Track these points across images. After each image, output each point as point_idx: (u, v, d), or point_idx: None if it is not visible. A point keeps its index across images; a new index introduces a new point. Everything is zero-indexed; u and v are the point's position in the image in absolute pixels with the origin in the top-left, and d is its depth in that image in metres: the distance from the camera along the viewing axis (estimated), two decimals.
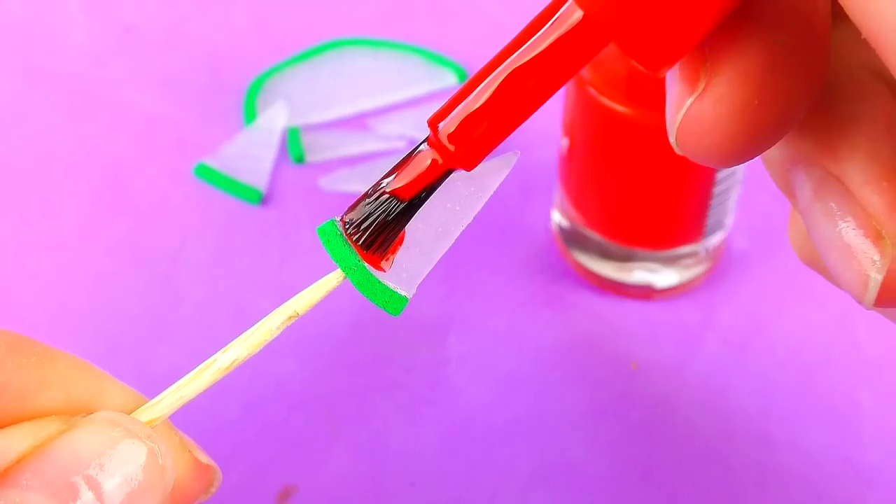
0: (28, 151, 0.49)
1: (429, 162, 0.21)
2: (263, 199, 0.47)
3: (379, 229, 0.22)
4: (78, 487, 0.20)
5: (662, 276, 0.43)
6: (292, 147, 0.49)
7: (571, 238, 0.44)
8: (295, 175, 0.48)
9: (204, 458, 0.24)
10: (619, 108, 0.37)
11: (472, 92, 0.20)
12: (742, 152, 0.19)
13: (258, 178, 0.48)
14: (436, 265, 0.23)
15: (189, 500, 0.24)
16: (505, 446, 0.39)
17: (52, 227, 0.46)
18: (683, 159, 0.21)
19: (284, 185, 0.48)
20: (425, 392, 0.41)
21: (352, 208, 0.22)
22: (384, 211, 0.22)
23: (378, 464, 0.39)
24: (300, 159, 0.49)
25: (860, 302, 0.20)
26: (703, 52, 0.19)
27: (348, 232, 0.22)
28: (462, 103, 0.21)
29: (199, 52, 0.53)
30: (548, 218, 0.46)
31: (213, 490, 0.25)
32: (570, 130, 0.41)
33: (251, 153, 0.48)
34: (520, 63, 0.20)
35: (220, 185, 0.47)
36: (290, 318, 0.23)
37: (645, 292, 0.43)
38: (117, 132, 0.50)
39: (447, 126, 0.21)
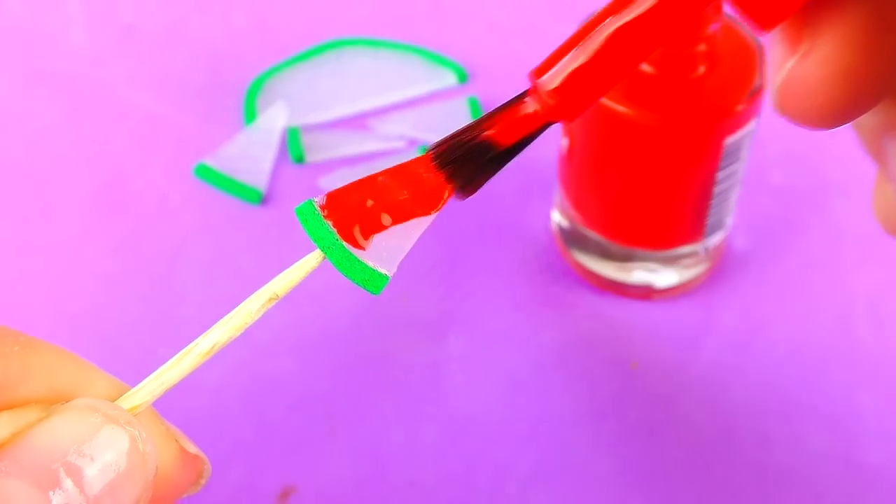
0: (28, 151, 0.49)
1: (530, 111, 0.21)
2: (263, 199, 0.47)
3: (472, 171, 0.22)
4: (58, 474, 0.20)
5: (662, 276, 0.43)
6: (292, 147, 0.49)
7: (571, 238, 0.44)
8: (295, 175, 0.48)
9: (192, 449, 0.24)
10: (619, 108, 0.37)
11: (575, 46, 0.20)
12: (841, 114, 0.20)
13: (258, 178, 0.48)
14: (436, 269, 0.23)
15: (177, 492, 0.24)
16: (505, 446, 0.39)
17: (52, 227, 0.46)
18: (683, 159, 0.21)
19: (284, 185, 0.48)
20: (425, 392, 0.41)
21: (442, 145, 0.22)
22: (480, 154, 0.22)
23: (378, 464, 0.39)
24: (300, 159, 0.49)
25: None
26: (806, 15, 0.19)
27: (440, 167, 0.22)
28: (565, 58, 0.21)
29: (199, 52, 0.53)
30: (548, 218, 0.46)
31: (202, 482, 0.25)
32: (570, 131, 0.41)
33: (251, 153, 0.48)
34: (625, 20, 0.20)
35: (220, 185, 0.47)
36: (269, 300, 0.23)
37: (645, 292, 0.43)
38: (117, 132, 0.50)
39: (549, 80, 0.21)
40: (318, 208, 0.22)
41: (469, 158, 0.22)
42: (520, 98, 0.22)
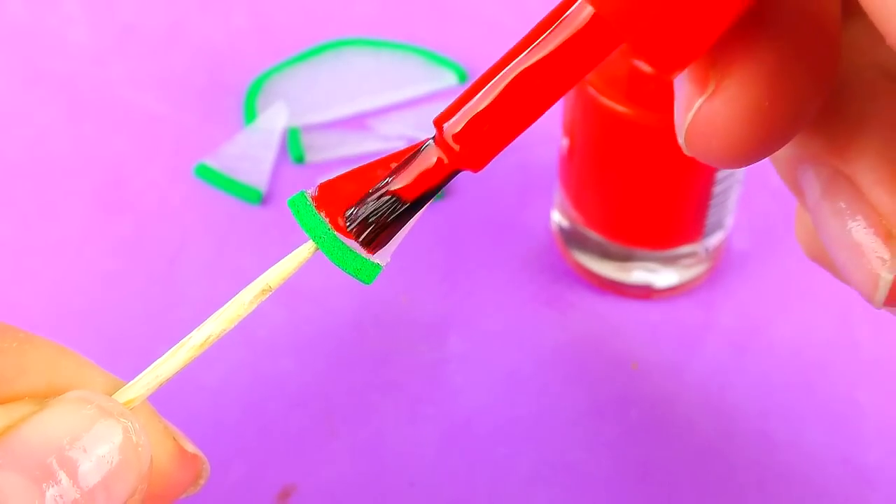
0: (28, 151, 0.49)
1: (434, 161, 0.21)
2: (263, 199, 0.47)
3: (380, 228, 0.21)
4: (52, 467, 0.20)
5: (662, 276, 0.43)
6: (292, 147, 0.49)
7: (571, 238, 0.44)
8: (295, 175, 0.48)
9: (190, 448, 0.24)
10: (619, 108, 0.37)
11: (479, 92, 0.20)
12: (752, 153, 0.19)
13: (258, 178, 0.48)
14: (436, 269, 0.23)
15: (176, 491, 0.24)
16: (505, 446, 0.39)
17: (52, 227, 0.46)
18: (683, 159, 0.21)
19: (284, 185, 0.48)
20: (425, 392, 0.41)
21: (354, 204, 0.22)
22: (387, 210, 0.21)
23: (378, 463, 0.39)
24: (300, 159, 0.49)
25: (870, 301, 0.20)
26: (713, 54, 0.19)
27: (349, 229, 0.22)
28: (469, 103, 0.20)
29: (199, 52, 0.53)
30: (548, 218, 0.46)
31: (201, 482, 0.24)
32: (570, 130, 0.41)
33: (251, 153, 0.48)
34: (528, 63, 0.19)
35: (220, 185, 0.47)
36: (263, 291, 0.23)
37: (645, 292, 0.43)
38: (117, 132, 0.50)
39: (453, 126, 0.20)
40: (310, 199, 0.22)
41: (376, 216, 0.21)
42: (424, 147, 0.21)
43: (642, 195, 0.40)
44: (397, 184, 0.21)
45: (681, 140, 0.20)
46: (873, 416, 0.40)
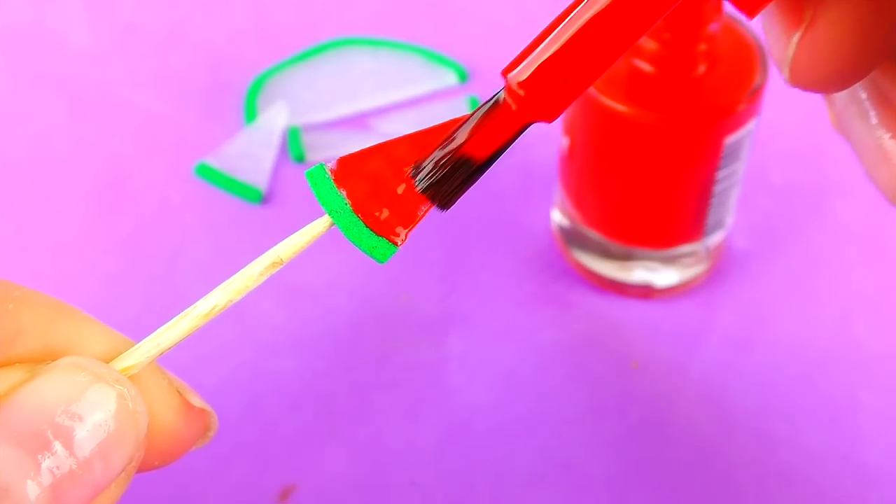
0: (29, 151, 0.49)
1: (505, 118, 0.20)
2: (264, 199, 0.47)
3: (452, 191, 0.21)
4: (46, 436, 0.19)
5: (662, 276, 0.43)
6: (293, 146, 0.49)
7: (571, 237, 0.44)
8: (295, 174, 0.48)
9: (196, 402, 0.23)
10: (619, 107, 0.38)
11: (547, 37, 0.19)
12: (854, 74, 0.20)
13: (259, 177, 0.48)
14: (436, 268, 0.23)
15: (183, 446, 0.23)
16: (505, 445, 0.40)
17: (52, 226, 0.46)
18: (683, 159, 0.21)
19: (285, 185, 0.48)
20: (425, 391, 0.41)
21: (422, 163, 0.21)
22: (457, 171, 0.21)
23: (378, 463, 0.39)
24: (301, 159, 0.49)
25: (892, 202, 0.22)
26: None
27: (419, 189, 0.21)
28: (537, 49, 0.19)
29: (199, 51, 0.53)
30: (548, 218, 0.46)
31: (210, 434, 0.24)
32: (570, 130, 0.41)
33: (252, 153, 0.48)
34: (600, 6, 0.19)
35: (221, 184, 0.47)
36: (273, 264, 0.22)
37: (645, 292, 0.43)
38: (118, 132, 0.50)
39: (520, 73, 0.19)
40: (329, 173, 0.21)
41: (447, 177, 0.21)
42: (494, 100, 0.21)
43: (642, 195, 0.40)
44: (466, 144, 0.21)
45: (785, 74, 0.21)
46: (873, 415, 0.40)
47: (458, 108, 0.50)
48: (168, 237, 0.46)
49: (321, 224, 0.22)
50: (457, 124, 0.21)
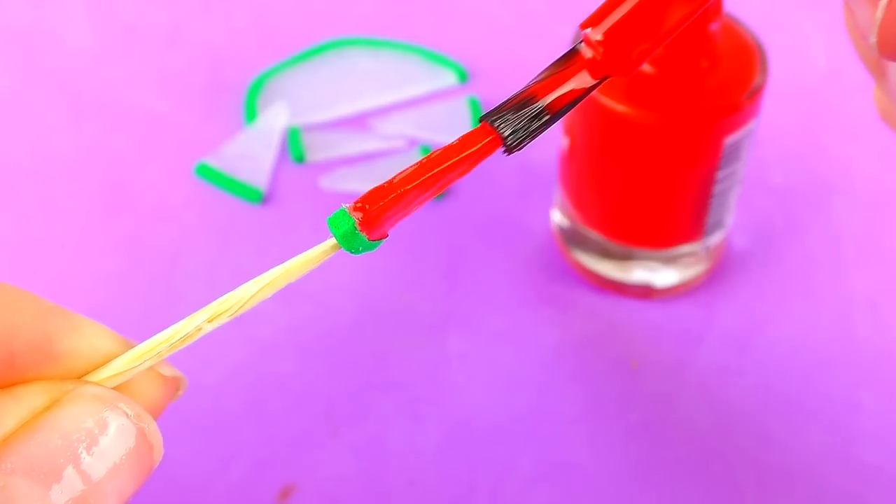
0: (29, 151, 0.49)
1: (579, 68, 0.21)
2: (264, 199, 0.47)
3: (526, 136, 0.22)
4: (65, 471, 0.19)
5: (662, 276, 0.43)
6: (293, 146, 0.49)
7: (571, 237, 0.44)
8: (295, 174, 0.48)
9: (167, 371, 0.24)
10: (619, 107, 0.38)
11: None
12: None
13: (259, 177, 0.48)
14: (436, 268, 0.23)
15: (157, 412, 0.23)
16: (505, 445, 0.40)
17: (53, 226, 0.47)
18: (683, 159, 0.21)
19: (285, 185, 0.48)
20: (425, 391, 0.41)
21: (503, 110, 0.22)
22: (533, 120, 0.21)
23: (378, 463, 0.39)
24: (300, 159, 0.49)
25: None
26: None
27: (499, 130, 0.22)
28: (616, 6, 0.20)
29: (199, 52, 0.54)
30: (548, 218, 0.46)
31: (180, 393, 0.24)
32: (570, 130, 0.41)
33: (252, 153, 0.49)
34: None
35: (221, 184, 0.48)
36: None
37: (645, 292, 0.43)
38: (118, 132, 0.50)
39: (598, 29, 0.20)
40: (357, 224, 0.23)
41: (523, 126, 0.22)
42: (570, 55, 0.21)
43: (642, 195, 0.40)
44: (544, 93, 0.21)
45: (873, 40, 0.21)
46: (873, 415, 0.40)
47: (457, 108, 0.50)
48: (168, 237, 0.46)
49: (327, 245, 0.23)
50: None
